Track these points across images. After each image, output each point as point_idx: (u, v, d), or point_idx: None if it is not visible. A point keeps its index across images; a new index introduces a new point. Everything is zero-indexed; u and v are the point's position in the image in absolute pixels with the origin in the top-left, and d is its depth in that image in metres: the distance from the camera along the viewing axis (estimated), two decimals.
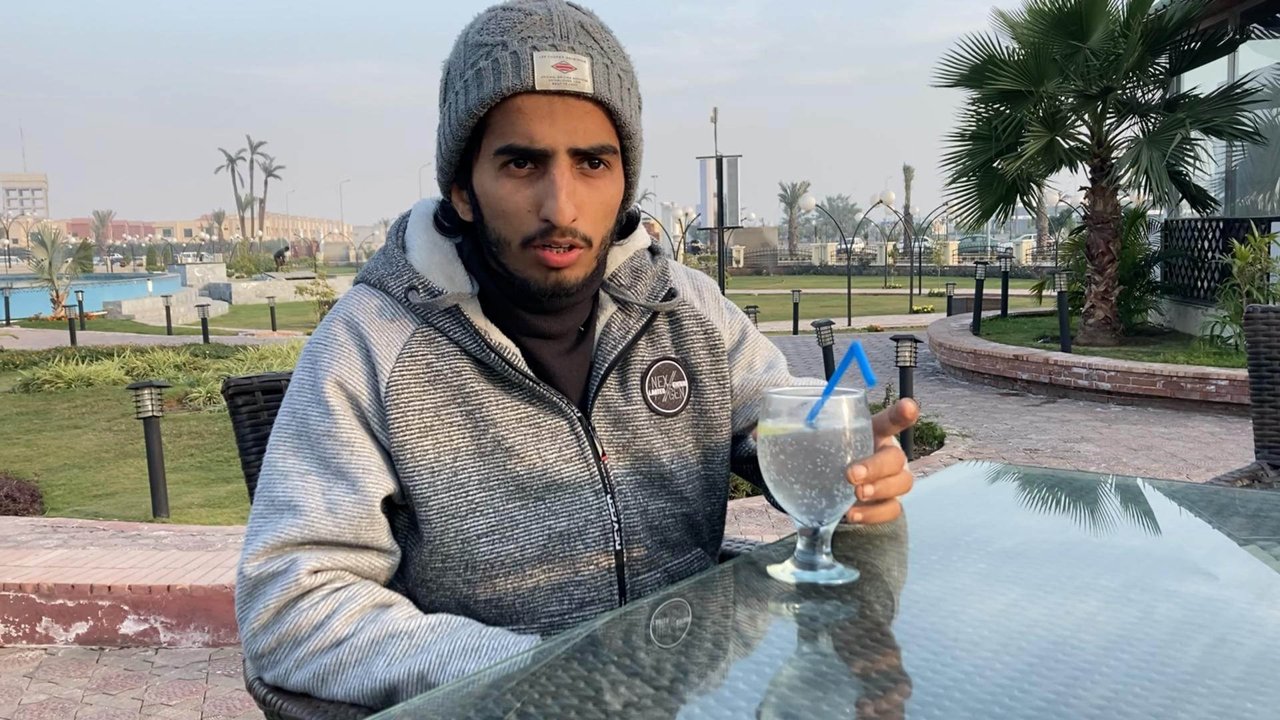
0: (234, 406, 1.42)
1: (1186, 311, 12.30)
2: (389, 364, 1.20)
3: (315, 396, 1.20)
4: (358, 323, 1.23)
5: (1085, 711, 0.71)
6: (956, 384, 11.00)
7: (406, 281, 1.24)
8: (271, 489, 1.19)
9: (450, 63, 1.18)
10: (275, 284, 33.32)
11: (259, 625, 1.14)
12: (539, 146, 1.12)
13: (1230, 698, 0.74)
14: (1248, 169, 12.83)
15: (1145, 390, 8.96)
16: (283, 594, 1.13)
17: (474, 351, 1.21)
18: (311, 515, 1.15)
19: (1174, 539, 1.21)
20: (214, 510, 5.91)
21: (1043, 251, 50.43)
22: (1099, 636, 0.85)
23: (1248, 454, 7.06)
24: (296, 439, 1.20)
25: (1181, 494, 1.40)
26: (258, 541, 1.16)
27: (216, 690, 3.64)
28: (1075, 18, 10.60)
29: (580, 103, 1.13)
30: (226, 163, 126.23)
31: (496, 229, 1.18)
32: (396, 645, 1.08)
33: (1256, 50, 12.46)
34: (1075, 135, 11.30)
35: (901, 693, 0.75)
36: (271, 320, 22.55)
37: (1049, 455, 7.31)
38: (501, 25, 1.14)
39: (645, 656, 0.83)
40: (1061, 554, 1.10)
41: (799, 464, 0.95)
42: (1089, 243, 11.44)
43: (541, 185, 1.14)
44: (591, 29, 1.16)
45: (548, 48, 1.11)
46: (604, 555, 1.24)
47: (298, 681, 1.13)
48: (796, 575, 0.97)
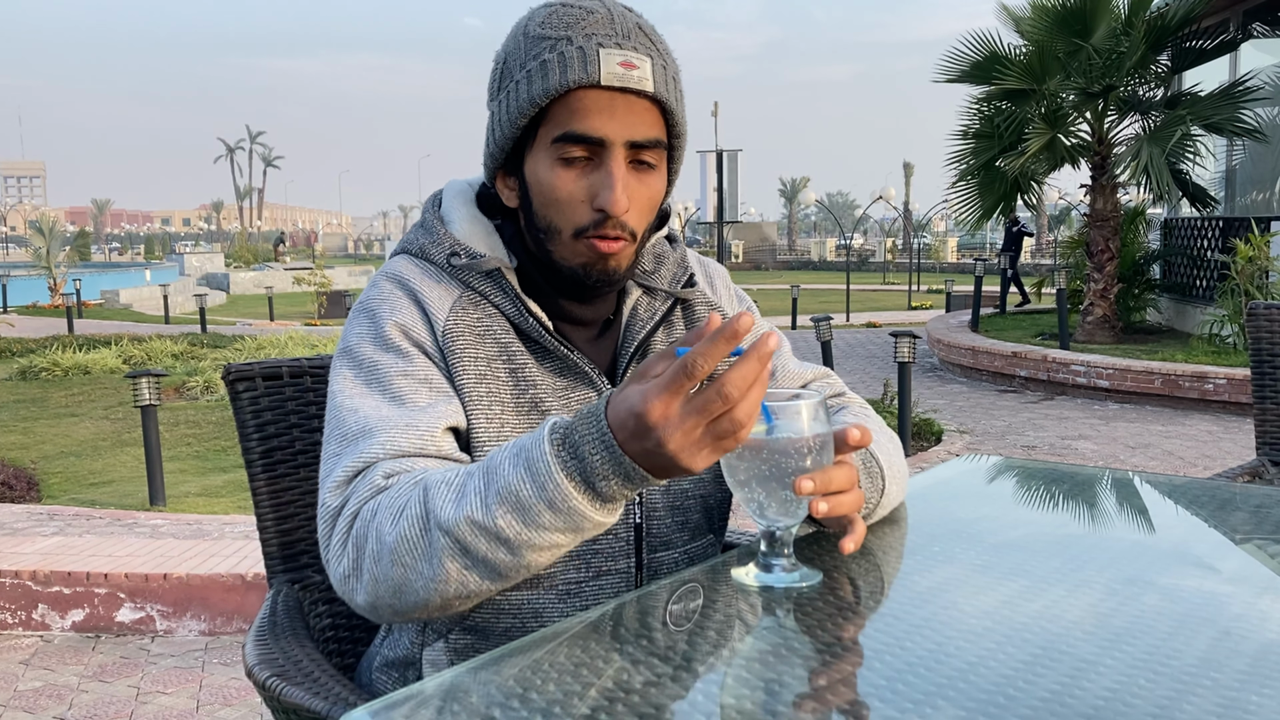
0: (234, 393, 1.42)
1: (1185, 310, 12.30)
2: (443, 314, 1.23)
3: (382, 343, 1.21)
4: (406, 280, 1.26)
5: (1090, 703, 0.71)
6: (954, 380, 11.00)
7: (448, 249, 1.27)
8: (342, 425, 1.17)
9: (508, 53, 1.21)
10: (273, 274, 33.27)
11: (338, 547, 1.09)
12: (597, 136, 1.16)
13: (1235, 691, 0.73)
14: (1248, 168, 12.82)
15: (1143, 388, 8.96)
16: (358, 504, 1.09)
17: (513, 317, 1.24)
18: (391, 433, 1.14)
19: (1176, 534, 1.21)
20: (211, 500, 5.90)
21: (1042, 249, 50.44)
22: (1101, 630, 0.85)
23: (1245, 453, 7.07)
24: (367, 385, 1.19)
25: (1183, 489, 1.40)
26: (337, 472, 1.13)
27: (213, 679, 3.63)
28: (1079, 15, 10.59)
29: (640, 100, 1.17)
30: (225, 152, 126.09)
31: (548, 217, 1.21)
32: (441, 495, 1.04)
33: (1258, 49, 12.44)
34: (1077, 133, 11.30)
35: (904, 684, 0.74)
36: (269, 310, 22.50)
37: (1047, 452, 7.31)
38: (565, 20, 1.18)
39: (659, 639, 0.82)
40: (1063, 547, 1.09)
41: (758, 467, 0.94)
42: (1088, 240, 11.43)
43: (597, 176, 1.18)
44: (648, 30, 1.21)
45: (612, 45, 1.16)
46: (623, 526, 1.26)
47: (387, 593, 1.05)
48: (759, 579, 0.97)
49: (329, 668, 1.12)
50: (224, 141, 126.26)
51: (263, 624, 1.26)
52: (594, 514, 0.96)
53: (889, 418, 7.30)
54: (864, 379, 10.94)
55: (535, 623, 1.22)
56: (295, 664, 1.12)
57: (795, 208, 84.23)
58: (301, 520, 1.44)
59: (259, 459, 1.42)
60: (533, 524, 0.97)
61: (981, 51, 11.29)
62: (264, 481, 1.42)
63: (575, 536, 0.98)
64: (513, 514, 0.97)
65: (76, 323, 17.85)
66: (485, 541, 0.99)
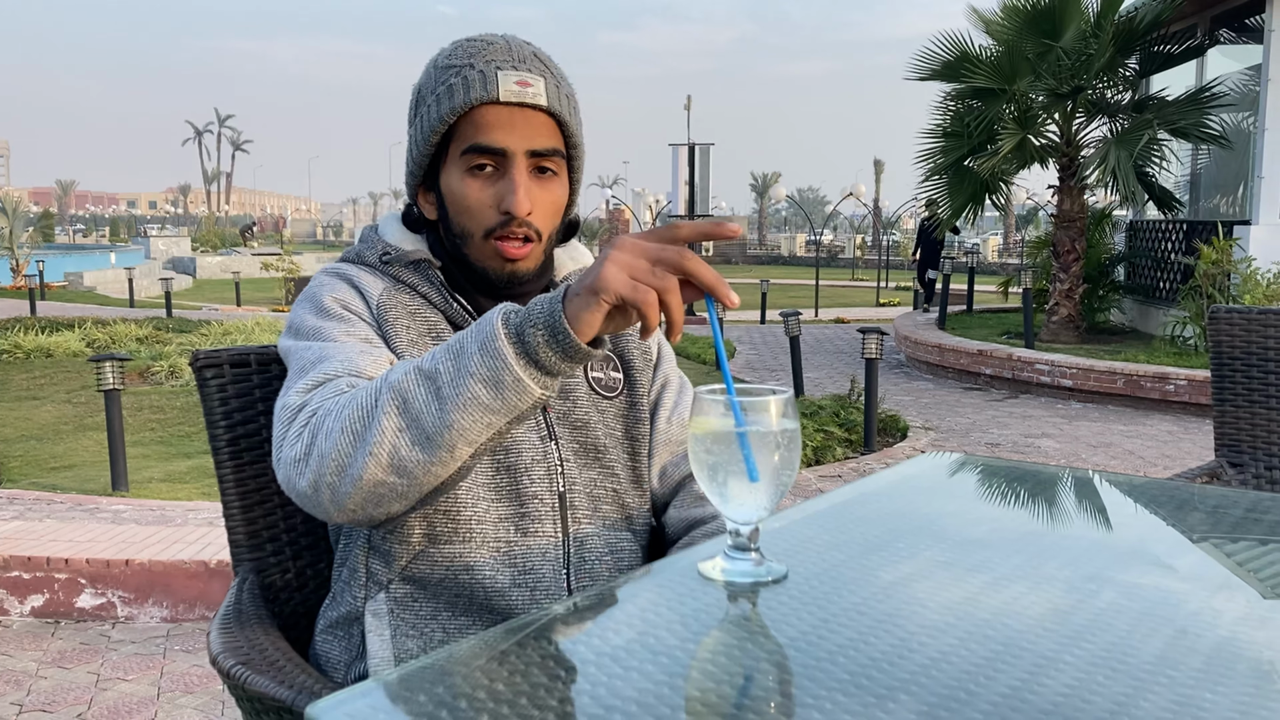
0: (202, 379, 1.41)
1: (1148, 311, 12.45)
2: (376, 294, 1.37)
3: (324, 314, 1.34)
4: (343, 272, 1.40)
5: (1049, 699, 0.72)
6: (921, 377, 11.08)
7: (380, 249, 1.43)
8: (300, 360, 1.28)
9: (421, 84, 1.38)
10: (241, 259, 32.97)
11: (294, 436, 1.17)
12: (500, 146, 1.32)
13: (1190, 688, 0.75)
14: (1212, 172, 12.99)
15: (1106, 388, 9.06)
16: (320, 400, 1.18)
17: (439, 304, 1.39)
18: (349, 354, 1.25)
19: (1135, 532, 1.23)
20: (174, 485, 5.85)
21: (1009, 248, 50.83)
22: (1061, 627, 0.86)
23: (1205, 453, 7.17)
24: (314, 340, 1.30)
25: (1142, 489, 1.42)
26: (300, 382, 1.23)
27: (174, 666, 3.61)
28: (1049, 16, 10.68)
29: (537, 114, 1.34)
30: (193, 135, 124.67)
31: (461, 223, 1.37)
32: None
33: (1225, 55, 12.60)
34: (1045, 133, 11.40)
35: (867, 679, 0.75)
36: (236, 296, 22.31)
37: (1010, 450, 7.38)
38: (468, 51, 1.35)
39: (624, 631, 0.83)
40: (1024, 545, 1.11)
41: (726, 460, 0.95)
42: (1055, 241, 11.54)
43: (503, 183, 1.34)
44: (543, 57, 1.38)
45: (509, 67, 1.33)
46: (548, 493, 1.37)
47: (330, 470, 1.13)
48: (725, 572, 0.98)
49: (295, 655, 1.12)
50: (192, 124, 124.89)
51: (228, 612, 1.26)
52: (516, 365, 1.05)
53: (855, 413, 7.35)
54: (831, 374, 11.00)
55: (466, 576, 1.31)
56: (260, 652, 1.12)
57: (766, 202, 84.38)
58: (268, 509, 1.43)
59: (225, 446, 1.41)
60: (463, 370, 1.07)
61: (952, 51, 11.36)
62: (230, 469, 1.41)
63: (496, 396, 1.06)
64: (450, 359, 1.09)
65: (39, 305, 17.61)
66: (423, 390, 1.09)
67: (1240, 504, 1.31)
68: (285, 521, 1.44)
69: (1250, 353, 1.90)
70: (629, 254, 1.03)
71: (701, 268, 1.03)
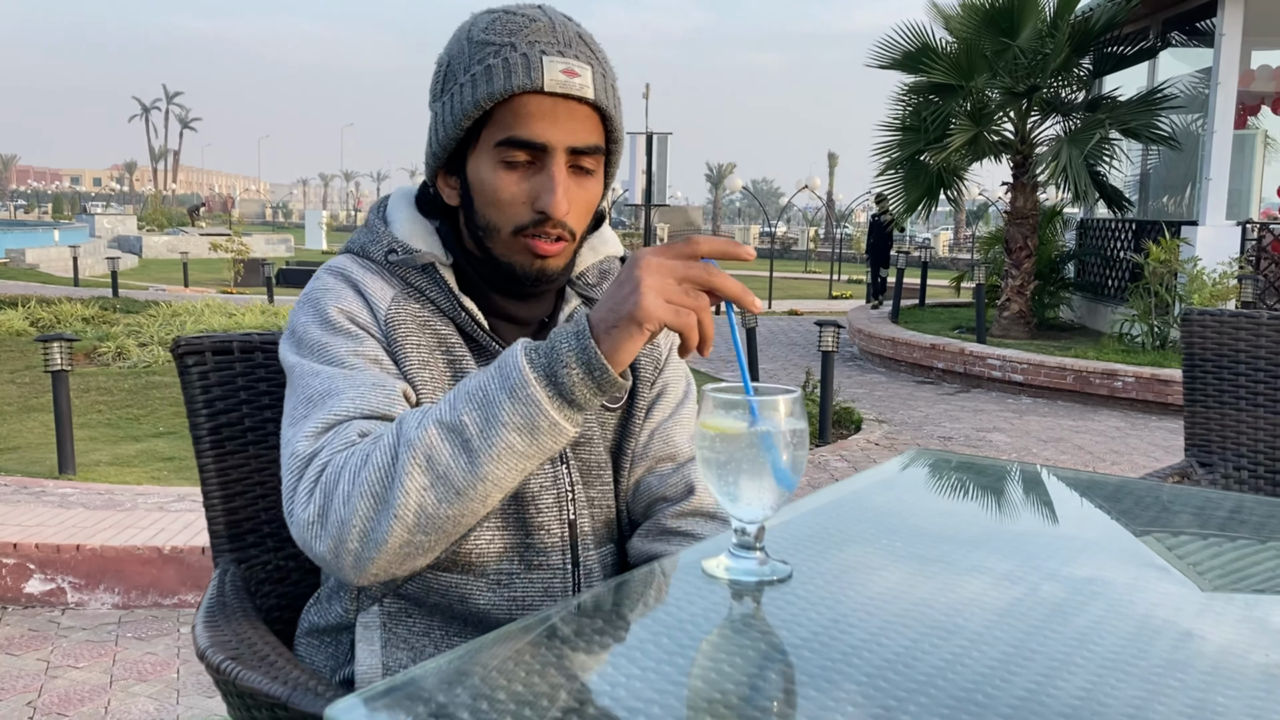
0: (183, 366, 1.38)
1: (1097, 309, 12.66)
2: (384, 305, 1.26)
3: (329, 327, 1.23)
4: (348, 273, 1.29)
5: (1066, 702, 0.73)
6: (874, 370, 11.17)
7: (386, 245, 1.31)
8: (306, 389, 1.18)
9: (451, 56, 1.26)
10: (189, 239, 32.40)
11: (304, 493, 1.09)
12: (540, 141, 1.20)
13: (1201, 692, 0.76)
14: (1161, 173, 13.22)
15: (1055, 384, 9.20)
16: (330, 453, 1.10)
17: (448, 311, 1.29)
18: (360, 390, 1.17)
19: (1126, 533, 1.25)
20: (123, 469, 5.75)
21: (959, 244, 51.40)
22: (1067, 628, 0.87)
23: (1152, 449, 7.31)
24: (320, 362, 1.21)
25: (1119, 489, 1.44)
26: (309, 424, 1.14)
27: (127, 653, 3.55)
28: (1006, 14, 10.80)
29: (581, 107, 1.22)
30: (140, 112, 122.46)
31: (488, 216, 1.25)
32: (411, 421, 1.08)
33: (1176, 57, 12.82)
34: (1000, 130, 11.53)
35: (885, 681, 0.75)
36: (184, 276, 21.93)
37: (962, 444, 7.47)
38: (508, 27, 1.22)
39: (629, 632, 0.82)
40: (1019, 546, 1.12)
41: (734, 461, 0.95)
42: (1007, 238, 11.69)
43: (539, 180, 1.22)
44: (588, 40, 1.26)
45: (555, 53, 1.21)
46: (557, 523, 1.29)
47: (354, 535, 1.05)
48: (730, 571, 0.98)
49: (285, 651, 1.10)
50: (139, 100, 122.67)
51: (212, 605, 1.23)
52: (551, 408, 1.01)
53: (810, 405, 7.39)
54: (786, 366, 11.06)
55: (461, 606, 1.25)
56: (249, 647, 1.10)
57: (721, 193, 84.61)
58: (249, 499, 1.41)
59: (207, 435, 1.38)
60: (493, 419, 1.02)
61: (914, 42, 11.44)
62: (212, 459, 1.38)
63: (532, 442, 1.02)
64: (476, 409, 1.03)
65: None
66: (448, 445, 1.03)
67: (1224, 505, 1.33)
68: (266, 513, 1.41)
69: (1221, 354, 1.94)
70: (659, 275, 1.00)
71: (728, 282, 1.01)
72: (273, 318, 10.86)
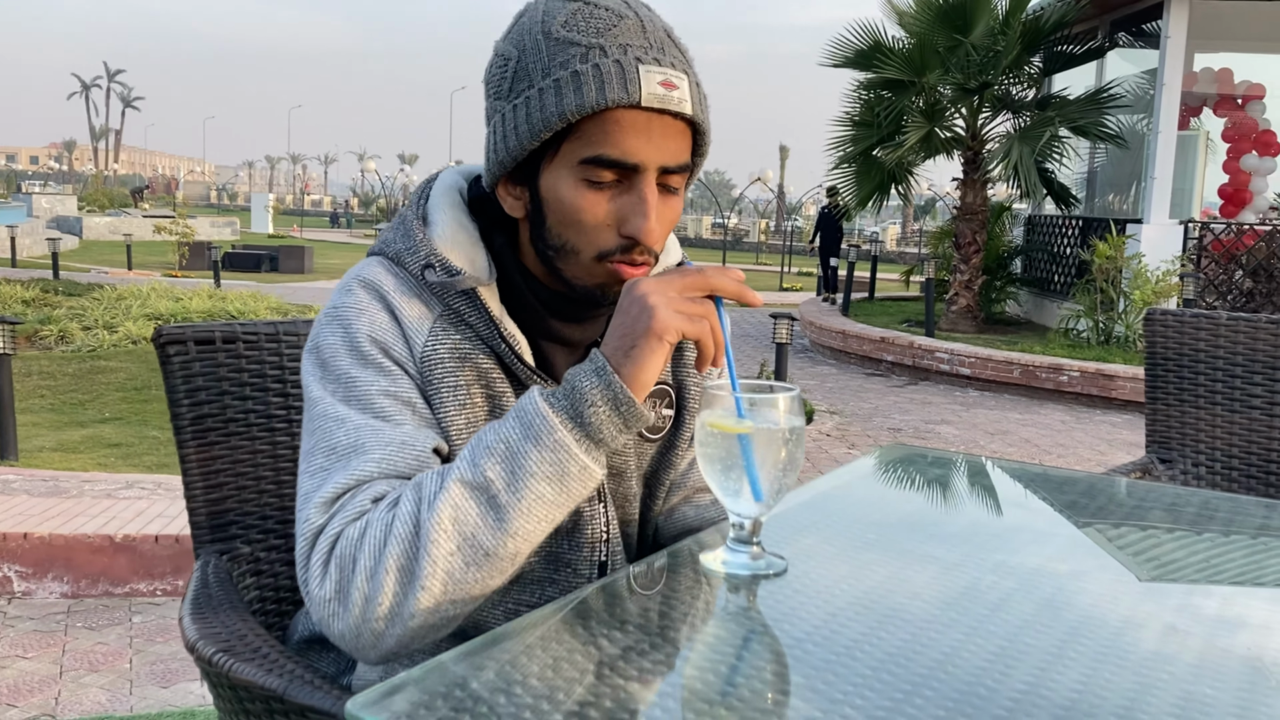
0: (165, 356, 1.36)
1: (1043, 304, 12.86)
2: (421, 337, 1.15)
3: (360, 357, 1.12)
4: (384, 292, 1.16)
5: (1065, 695, 0.75)
6: (824, 362, 11.27)
7: (423, 258, 1.16)
8: (329, 437, 1.09)
9: (523, 54, 1.11)
10: (131, 221, 31.81)
11: (318, 569, 1.02)
12: (633, 161, 1.09)
13: (1189, 684, 0.78)
14: (1108, 171, 13.46)
15: (1002, 378, 9.35)
16: (341, 524, 1.03)
17: (488, 339, 1.17)
18: (387, 450, 1.07)
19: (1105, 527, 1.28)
20: (68, 455, 5.64)
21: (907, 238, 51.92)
22: (1058, 623, 0.89)
23: (1096, 443, 7.46)
24: (346, 401, 1.11)
25: (1090, 484, 1.48)
26: (326, 488, 1.05)
27: (77, 643, 3.49)
28: (960, 11, 10.92)
29: (675, 122, 1.10)
30: (80, 89, 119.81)
31: (567, 238, 1.13)
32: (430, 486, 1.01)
33: (1123, 58, 13.05)
34: (952, 127, 11.67)
35: (889, 674, 0.77)
36: (128, 259, 21.54)
37: (911, 435, 7.57)
38: (593, 25, 1.09)
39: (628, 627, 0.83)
40: (1002, 540, 1.14)
41: (733, 457, 0.96)
42: (957, 233, 11.84)
43: (626, 201, 1.10)
44: (677, 41, 1.15)
45: (651, 61, 1.09)
46: (585, 563, 1.22)
47: (379, 614, 0.98)
48: (726, 565, 0.99)
49: (275, 642, 1.10)
50: (79, 78, 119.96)
51: (197, 596, 1.22)
52: (579, 451, 0.97)
53: None
54: (739, 358, 11.12)
55: (474, 630, 1.16)
56: (240, 638, 1.09)
57: None
58: (231, 490, 1.40)
59: (189, 425, 1.37)
60: (520, 471, 0.97)
61: (866, 40, 11.54)
62: (194, 449, 1.37)
63: (562, 490, 0.98)
64: (500, 462, 0.98)
65: None
66: (475, 504, 0.97)
67: (1193, 501, 1.37)
68: (248, 504, 1.41)
69: (1182, 354, 2.00)
70: (662, 292, 0.98)
71: (725, 282, 1.00)
72: (220, 302, 10.72)
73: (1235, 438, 1.99)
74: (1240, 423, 1.99)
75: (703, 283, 1.00)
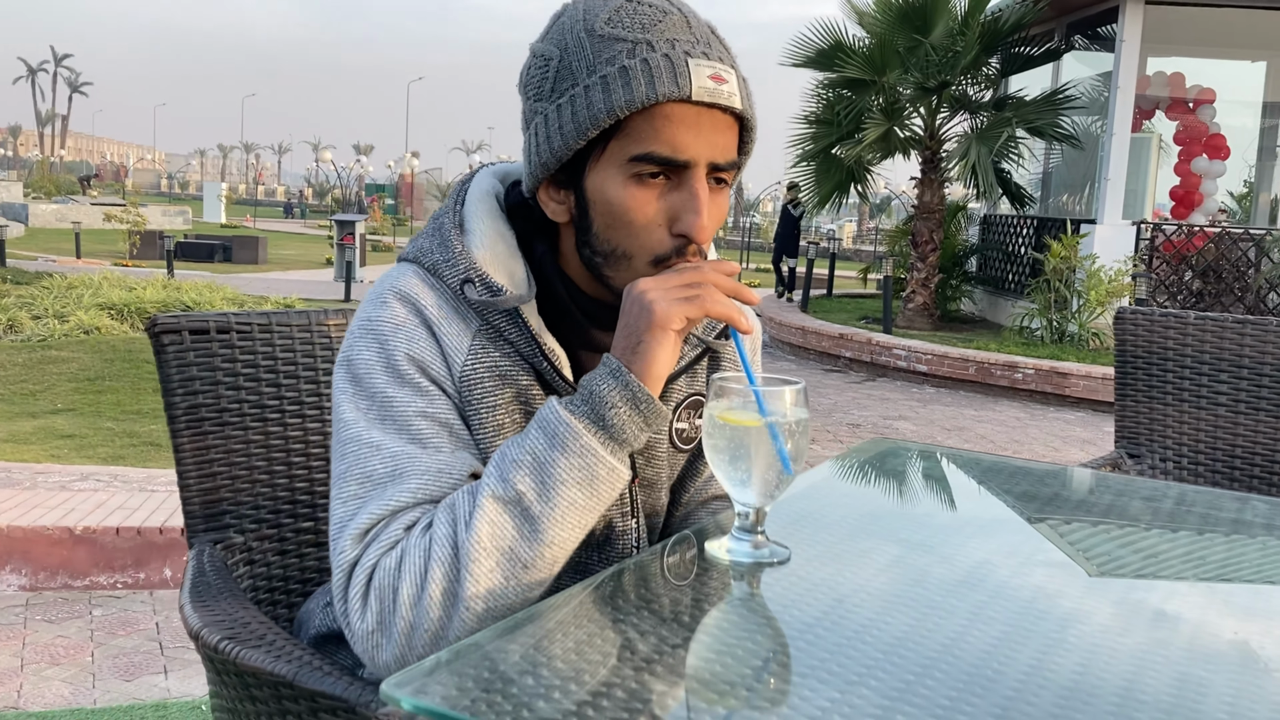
0: (159, 345, 1.35)
1: (998, 302, 13.04)
2: (460, 356, 1.12)
3: (396, 375, 1.10)
4: (421, 307, 1.13)
5: (1068, 677, 0.78)
6: (784, 358, 11.36)
7: (462, 273, 1.13)
8: (364, 464, 1.07)
9: (565, 50, 1.09)
10: (80, 209, 31.26)
11: (356, 602, 1.01)
12: (684, 158, 1.07)
13: (1184, 666, 0.82)
14: (1062, 172, 13.67)
15: (958, 374, 9.47)
16: (376, 555, 1.02)
17: (528, 355, 1.14)
18: (424, 479, 1.06)
19: (1082, 520, 1.32)
20: (19, 446, 5.55)
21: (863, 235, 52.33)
22: (1054, 609, 0.93)
23: (1050, 439, 7.59)
24: (382, 421, 1.08)
25: (1055, 477, 1.52)
26: (361, 518, 1.04)
27: (37, 637, 3.45)
28: (920, 12, 11.04)
29: (724, 116, 1.09)
30: (26, 73, 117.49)
31: (617, 241, 1.10)
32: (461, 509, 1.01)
33: (1079, 60, 13.25)
34: (910, 126, 11.79)
35: (899, 657, 0.80)
36: (76, 247, 21.18)
37: (870, 431, 7.65)
38: (639, 20, 1.07)
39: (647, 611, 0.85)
40: (991, 534, 1.17)
41: (742, 448, 0.99)
42: (914, 231, 11.97)
43: (677, 198, 1.08)
44: (720, 35, 1.13)
45: (699, 55, 1.07)
46: (618, 560, 1.21)
47: (424, 639, 0.99)
48: (731, 553, 1.02)
49: (279, 630, 1.10)
50: (24, 61, 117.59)
51: (196, 585, 1.22)
52: (606, 453, 1.00)
53: None
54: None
55: None
56: (244, 625, 1.10)
57: None
58: (225, 480, 1.39)
59: (183, 415, 1.36)
60: (550, 480, 0.99)
61: (827, 39, 11.62)
62: (188, 439, 1.36)
63: (592, 494, 1.00)
64: (529, 473, 0.99)
65: None
66: (509, 518, 0.98)
67: (1169, 495, 1.42)
68: (240, 494, 1.40)
69: (1151, 352, 2.06)
70: (657, 285, 1.01)
71: (719, 277, 1.03)
72: (175, 292, 10.57)
73: (1201, 434, 2.05)
74: (1206, 419, 2.05)
75: (698, 278, 1.02)
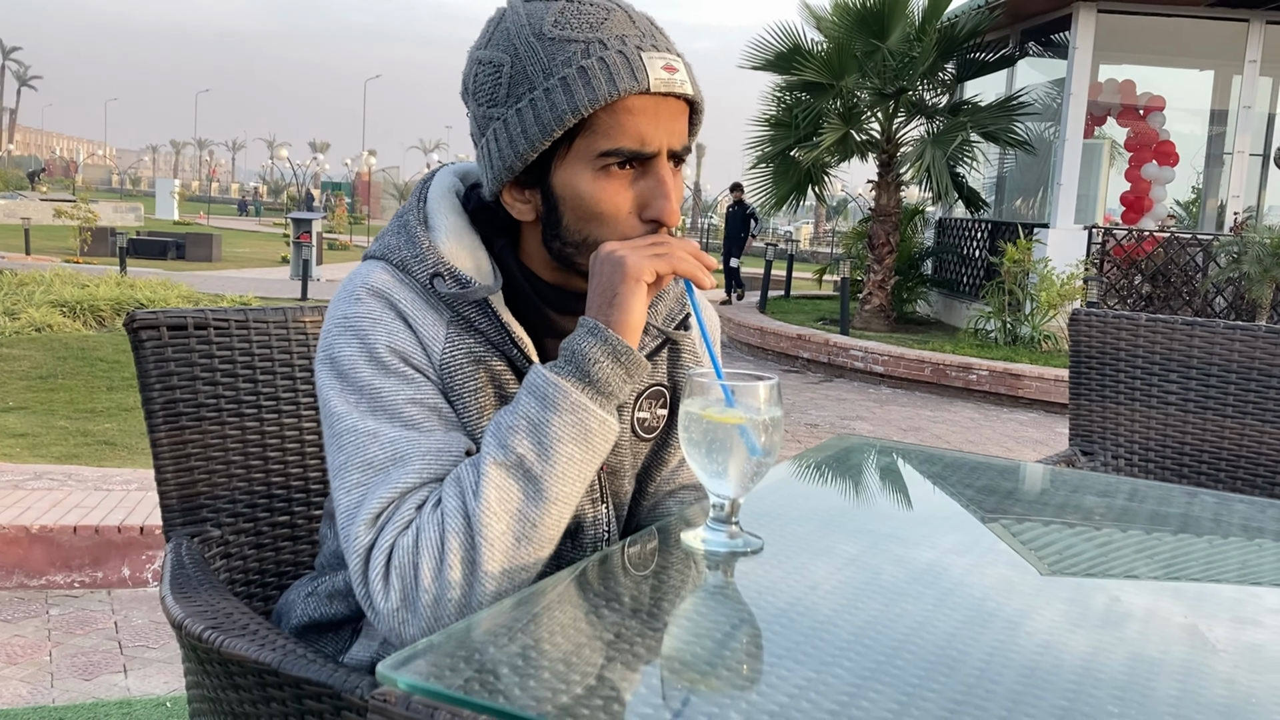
0: (137, 340, 1.36)
1: (952, 305, 13.21)
2: (438, 345, 1.15)
3: (380, 366, 1.13)
4: (395, 301, 1.16)
5: (1028, 658, 0.82)
6: (742, 358, 11.43)
7: (431, 267, 1.16)
8: (363, 451, 1.10)
9: (518, 55, 1.12)
10: (29, 204, 30.73)
11: (378, 583, 1.04)
12: (650, 149, 1.12)
13: (1138, 645, 0.86)
14: (1016, 176, 13.88)
15: (914, 375, 9.59)
16: (392, 536, 1.05)
17: (499, 344, 1.17)
18: (426, 459, 1.09)
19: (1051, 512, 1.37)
20: None
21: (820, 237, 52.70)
22: (1013, 595, 0.97)
23: (1004, 439, 7.71)
24: (373, 411, 1.11)
25: (1013, 472, 1.57)
26: (371, 503, 1.07)
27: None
28: (877, 17, 11.16)
29: (677, 103, 1.14)
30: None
31: (590, 231, 1.15)
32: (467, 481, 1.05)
33: (1032, 67, 13.46)
34: (868, 130, 11.92)
35: (865, 643, 0.83)
36: (25, 243, 20.83)
37: (828, 431, 7.73)
38: (585, 21, 1.11)
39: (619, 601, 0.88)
40: (955, 526, 1.22)
41: (717, 442, 1.02)
42: (871, 233, 12.11)
43: (645, 185, 1.13)
44: (659, 25, 1.18)
45: (650, 48, 1.12)
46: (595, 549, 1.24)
47: (450, 608, 1.02)
48: (706, 543, 1.05)
49: (260, 619, 1.12)
50: None
51: (176, 577, 1.23)
52: (595, 406, 1.04)
53: None
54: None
55: None
56: (226, 616, 1.12)
57: None
58: (201, 474, 1.41)
59: (160, 409, 1.38)
60: (547, 439, 1.03)
61: (786, 43, 11.72)
62: (165, 433, 1.38)
63: (588, 447, 1.05)
64: (526, 436, 1.04)
65: None
66: (514, 481, 1.03)
67: (1121, 489, 1.47)
68: (217, 488, 1.42)
69: (1105, 352, 2.12)
70: (625, 246, 1.07)
71: (681, 252, 1.08)
72: (128, 290, 10.44)
73: (1152, 431, 2.12)
74: (1157, 417, 2.12)
75: (663, 238, 1.09)
